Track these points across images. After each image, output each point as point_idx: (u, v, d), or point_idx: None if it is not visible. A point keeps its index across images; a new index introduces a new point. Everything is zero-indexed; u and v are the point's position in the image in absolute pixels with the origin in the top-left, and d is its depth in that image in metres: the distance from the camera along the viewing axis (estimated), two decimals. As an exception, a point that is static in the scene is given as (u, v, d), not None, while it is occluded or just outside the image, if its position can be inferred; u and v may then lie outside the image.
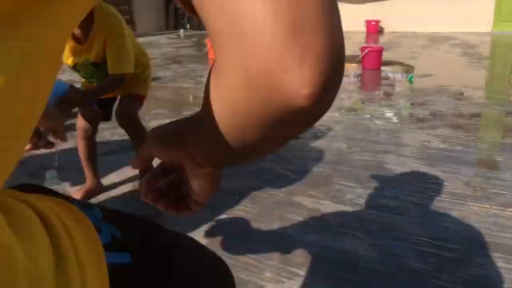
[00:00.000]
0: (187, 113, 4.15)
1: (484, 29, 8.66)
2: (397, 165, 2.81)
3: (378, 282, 1.73)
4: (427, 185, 2.52)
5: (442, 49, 7.23)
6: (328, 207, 2.33)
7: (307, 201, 2.40)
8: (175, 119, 0.54)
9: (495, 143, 3.14)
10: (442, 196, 2.40)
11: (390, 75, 5.49)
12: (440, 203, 2.32)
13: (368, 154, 3.00)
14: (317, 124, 3.66)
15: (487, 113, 3.82)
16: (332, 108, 4.11)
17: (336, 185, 2.57)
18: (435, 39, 8.17)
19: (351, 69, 5.86)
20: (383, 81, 5.32)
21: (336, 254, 1.93)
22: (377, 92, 4.78)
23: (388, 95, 4.62)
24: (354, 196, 2.43)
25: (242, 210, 2.33)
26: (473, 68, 5.76)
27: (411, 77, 5.19)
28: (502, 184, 2.51)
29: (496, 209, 2.24)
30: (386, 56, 6.60)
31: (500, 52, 7.32)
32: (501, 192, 2.42)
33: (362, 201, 2.38)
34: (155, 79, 5.63)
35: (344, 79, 5.52)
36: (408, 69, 5.87)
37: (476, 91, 4.56)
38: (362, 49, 5.74)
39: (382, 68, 5.82)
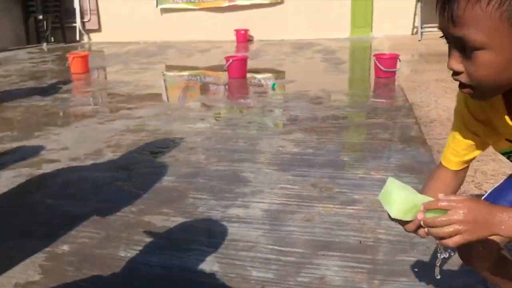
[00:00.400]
0: (40, 133, 3.84)
1: (343, 35, 9.29)
2: (251, 173, 2.84)
3: (220, 297, 1.71)
4: (278, 190, 2.58)
5: (305, 55, 7.61)
6: (179, 223, 2.27)
7: (158, 219, 2.32)
8: None
9: (344, 143, 3.34)
10: (291, 200, 2.47)
11: (263, 82, 5.64)
12: (288, 207, 2.38)
13: (225, 164, 3.00)
14: (177, 136, 3.60)
15: (339, 115, 4.05)
16: (194, 119, 4.08)
17: (189, 199, 2.52)
18: (300, 46, 8.57)
19: (219, 78, 5.91)
20: (252, 89, 5.43)
21: (180, 272, 1.87)
22: (242, 100, 4.85)
23: (252, 102, 4.71)
24: (206, 209, 2.40)
25: (85, 236, 2.17)
26: (331, 72, 6.12)
27: (274, 84, 5.36)
28: (345, 183, 2.65)
29: (338, 208, 2.35)
30: (254, 64, 6.77)
31: (357, 56, 7.90)
32: (343, 190, 2.55)
33: (213, 213, 2.36)
34: (4, 98, 5.17)
35: (212, 88, 5.54)
36: (277, 75, 6.06)
37: (332, 95, 4.83)
38: (227, 58, 5.82)
39: (255, 75, 5.96)
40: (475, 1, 0.85)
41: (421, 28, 8.29)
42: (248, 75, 5.92)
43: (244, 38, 9.65)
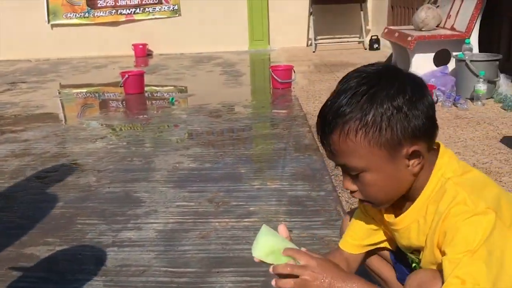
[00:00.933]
0: None
1: (242, 47, 9.43)
2: (145, 192, 2.74)
3: (107, 329, 1.60)
4: (173, 209, 2.51)
5: (205, 68, 7.60)
6: (65, 253, 2.12)
7: (42, 250, 2.15)
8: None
9: (241, 155, 3.35)
10: (186, 217, 2.41)
11: (161, 96, 5.51)
12: (183, 225, 2.32)
13: (117, 185, 2.87)
14: (67, 159, 3.39)
15: (237, 128, 4.07)
16: (86, 139, 3.88)
17: (78, 226, 2.37)
18: (200, 59, 8.55)
19: (115, 95, 5.70)
20: (150, 104, 5.29)
21: (64, 307, 1.74)
22: (139, 117, 4.71)
23: (149, 118, 4.59)
24: (96, 235, 2.27)
25: (-45, 278, 1.95)
26: (230, 85, 6.16)
27: (172, 99, 5.27)
28: (242, 195, 2.65)
29: (234, 222, 2.34)
30: (152, 78, 6.63)
31: (256, 68, 8.05)
32: (240, 203, 2.55)
33: (104, 238, 2.23)
34: None
35: (107, 105, 5.32)
36: (176, 89, 5.97)
37: (230, 107, 4.85)
38: (122, 74, 5.63)
39: (153, 90, 5.82)
40: (344, 136, 0.98)
41: (315, 40, 8.65)
42: (146, 89, 5.78)
43: (142, 52, 9.43)
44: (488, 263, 0.93)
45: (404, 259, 1.29)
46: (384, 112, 0.97)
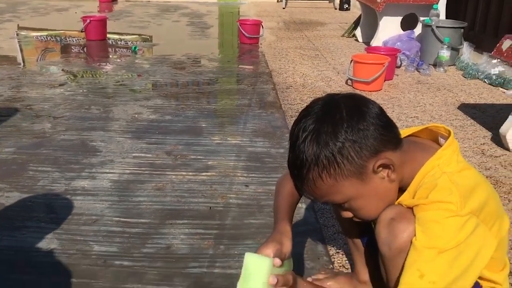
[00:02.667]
0: None
1: (211, -1, 9.19)
2: (102, 142, 2.68)
3: (54, 275, 1.59)
4: (130, 160, 2.47)
5: (172, 18, 7.37)
6: (15, 199, 2.06)
7: (-10, 196, 2.09)
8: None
9: (203, 109, 3.30)
10: (143, 169, 2.38)
11: (123, 44, 5.32)
12: (139, 177, 2.29)
13: (73, 133, 2.79)
14: (22, 103, 3.26)
15: (201, 81, 4.00)
16: (43, 84, 3.74)
17: (29, 172, 2.30)
18: (166, 8, 8.28)
19: (76, 40, 5.47)
20: (112, 52, 5.11)
21: (12, 254, 1.71)
22: (99, 64, 4.55)
23: (110, 66, 4.45)
24: (48, 182, 2.22)
25: None
26: (197, 37, 6.01)
27: (135, 47, 5.11)
28: (201, 149, 2.63)
29: (191, 175, 2.32)
30: (116, 25, 6.39)
31: (224, 21, 7.86)
32: (198, 157, 2.53)
33: (56, 186, 2.19)
34: None
35: (67, 50, 5.11)
36: (140, 38, 5.78)
37: (195, 60, 4.74)
38: (84, 19, 5.39)
39: (116, 37, 5.61)
40: (313, 184, 1.03)
41: (286, -5, 8.49)
42: (109, 36, 5.57)
43: (107, -3, 9.05)
44: (452, 265, 0.96)
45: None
46: (332, 150, 1.01)
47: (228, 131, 2.91)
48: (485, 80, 3.93)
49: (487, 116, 3.16)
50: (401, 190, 1.10)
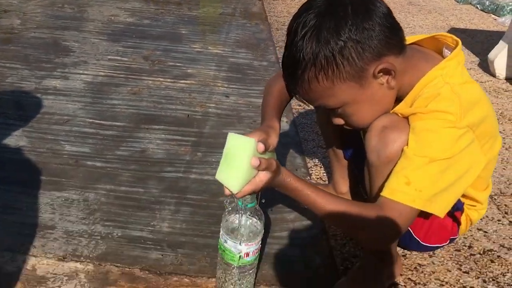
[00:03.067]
0: None
1: None
2: (76, 42, 2.53)
3: (23, 172, 1.52)
4: (105, 62, 2.35)
5: None
6: (-19, 94, 1.95)
7: (-46, 89, 1.96)
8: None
9: (184, 16, 3.13)
10: (118, 72, 2.26)
11: None
12: (114, 80, 2.18)
13: (45, 31, 2.62)
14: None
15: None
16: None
17: (-3, 68, 2.17)
18: None
19: None
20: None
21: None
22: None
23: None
24: (17, 79, 2.10)
25: None
26: None
27: None
28: (180, 56, 2.51)
29: (169, 82, 2.23)
30: None
31: None
32: (177, 64, 2.42)
33: (26, 84, 2.07)
34: None
35: None
36: None
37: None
38: None
39: None
40: (308, 85, 0.95)
41: None
42: None
43: None
44: (441, 176, 0.92)
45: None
46: (333, 48, 0.91)
47: (209, 40, 2.78)
48: (478, 6, 3.81)
49: (476, 42, 3.09)
50: (398, 99, 1.04)
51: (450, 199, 0.97)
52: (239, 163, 0.86)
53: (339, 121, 1.05)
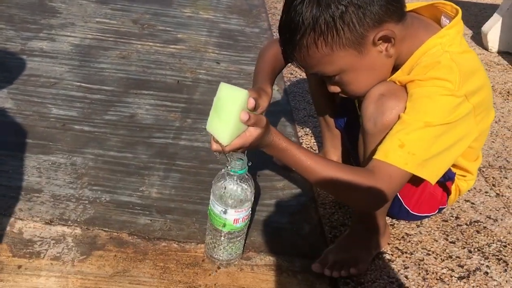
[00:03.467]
0: None
1: None
2: (63, 3, 2.46)
3: (9, 135, 1.49)
4: (93, 25, 2.29)
5: None
6: (-36, 54, 1.89)
7: None
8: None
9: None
10: (107, 35, 2.21)
11: None
12: (103, 43, 2.13)
13: (31, -9, 2.54)
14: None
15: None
16: None
17: (-19, 28, 2.10)
18: None
19: None
20: None
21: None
22: None
23: None
24: (2, 40, 2.03)
25: None
26: None
27: None
28: (170, 20, 2.46)
29: (158, 47, 2.18)
30: None
31: None
32: (167, 29, 2.36)
33: (10, 45, 2.01)
34: None
35: None
36: None
37: None
38: None
39: None
40: (306, 51, 0.93)
41: None
42: None
43: None
44: (435, 142, 0.91)
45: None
46: (334, 13, 0.88)
47: (200, 5, 2.71)
48: (473, -23, 3.76)
49: (470, 15, 3.06)
50: (395, 68, 1.02)
51: (441, 166, 0.97)
52: (230, 115, 0.85)
53: (335, 89, 1.04)
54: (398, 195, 1.15)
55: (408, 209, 1.19)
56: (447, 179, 1.14)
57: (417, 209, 1.20)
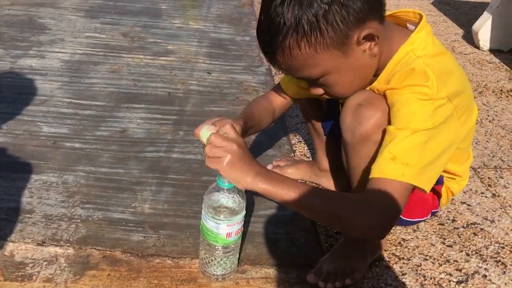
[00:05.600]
0: None
1: None
2: (52, 19, 2.46)
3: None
4: (82, 40, 2.28)
5: None
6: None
7: None
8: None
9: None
10: (96, 49, 2.20)
11: None
12: (92, 58, 2.13)
13: (19, 8, 2.54)
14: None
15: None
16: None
17: (-31, 48, 2.10)
18: None
19: None
20: None
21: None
22: None
23: None
24: (-10, 59, 2.03)
25: None
26: None
27: None
28: (160, 32, 2.45)
29: (149, 59, 2.17)
30: None
31: None
32: (157, 41, 2.36)
33: (1, 64, 2.00)
34: None
35: None
36: None
37: None
38: None
39: None
40: (289, 53, 0.90)
41: None
42: None
43: None
44: (424, 147, 0.89)
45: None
46: (317, 12, 0.86)
47: (190, 15, 2.72)
48: (462, -24, 3.77)
49: (460, 14, 3.07)
50: (374, 75, 1.01)
51: (435, 172, 0.96)
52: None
53: (318, 91, 1.01)
54: None
55: (401, 216, 1.18)
56: (435, 183, 1.13)
57: (409, 215, 1.19)
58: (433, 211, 1.23)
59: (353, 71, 0.95)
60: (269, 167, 1.47)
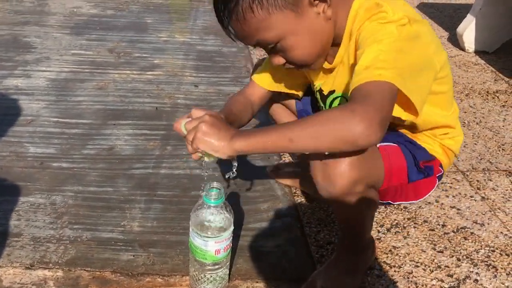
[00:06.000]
0: None
1: None
2: (37, 37, 2.45)
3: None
4: (68, 57, 2.27)
5: None
6: None
7: None
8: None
9: (149, 4, 3.05)
10: (83, 66, 2.20)
11: None
12: (79, 75, 2.12)
13: (4, 28, 2.53)
14: None
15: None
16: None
17: (-46, 70, 2.08)
18: None
19: None
20: None
21: None
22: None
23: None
24: (-24, 81, 2.02)
25: None
26: None
27: None
28: (146, 47, 2.45)
29: (135, 74, 2.17)
30: None
31: None
32: (144, 55, 2.36)
33: (-15, 85, 2.00)
34: None
35: None
36: None
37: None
38: None
39: None
40: (242, 18, 0.90)
41: None
42: None
43: None
44: (398, 56, 0.86)
45: (312, 107, 1.27)
46: None
47: (176, 28, 2.72)
48: (445, -21, 3.80)
49: (445, 16, 3.09)
50: (337, 45, 1.00)
51: (420, 85, 0.90)
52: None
53: (279, 60, 0.99)
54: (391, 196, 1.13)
55: (413, 201, 1.17)
56: (428, 159, 1.11)
57: (420, 195, 1.16)
58: (438, 175, 1.16)
59: (309, 34, 0.94)
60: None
